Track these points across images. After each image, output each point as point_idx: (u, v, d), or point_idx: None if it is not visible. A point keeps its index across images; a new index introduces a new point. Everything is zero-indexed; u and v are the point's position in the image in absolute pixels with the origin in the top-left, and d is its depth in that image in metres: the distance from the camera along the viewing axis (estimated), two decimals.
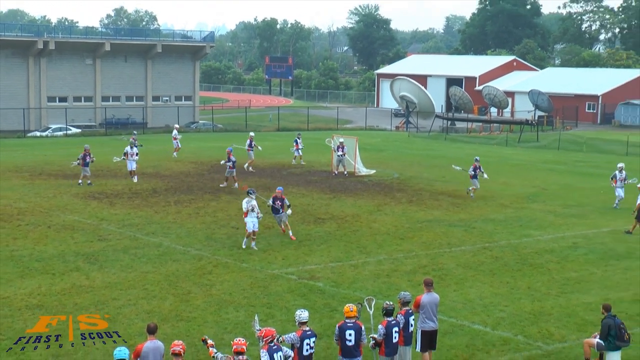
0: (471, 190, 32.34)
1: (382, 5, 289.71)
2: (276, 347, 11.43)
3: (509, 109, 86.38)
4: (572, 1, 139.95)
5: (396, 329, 13.05)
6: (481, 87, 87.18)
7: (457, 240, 24.73)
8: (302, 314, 12.34)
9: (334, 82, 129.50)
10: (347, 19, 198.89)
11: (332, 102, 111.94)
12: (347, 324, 12.60)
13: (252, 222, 22.72)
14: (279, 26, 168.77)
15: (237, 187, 32.80)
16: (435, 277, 18.25)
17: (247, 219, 22.76)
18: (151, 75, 76.52)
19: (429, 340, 14.03)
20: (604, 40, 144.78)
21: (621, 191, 30.75)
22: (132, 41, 79.17)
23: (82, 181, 33.57)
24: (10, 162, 41.37)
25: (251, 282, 19.52)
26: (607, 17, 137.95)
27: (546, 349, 15.45)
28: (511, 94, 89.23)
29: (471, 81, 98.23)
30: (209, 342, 11.76)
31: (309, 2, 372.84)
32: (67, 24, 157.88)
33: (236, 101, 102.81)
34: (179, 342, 11.41)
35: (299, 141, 42.61)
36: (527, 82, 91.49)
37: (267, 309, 17.33)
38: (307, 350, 12.11)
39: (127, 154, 35.17)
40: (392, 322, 13.05)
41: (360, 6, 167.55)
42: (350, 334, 12.53)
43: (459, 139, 63.69)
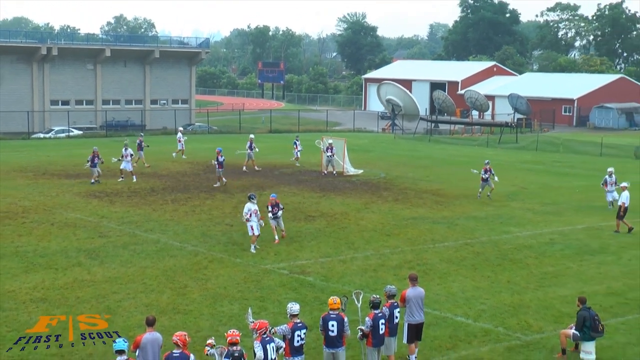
0: (481, 193, 31.73)
1: (369, 13, 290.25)
2: (269, 338, 11.43)
3: (490, 112, 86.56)
4: (549, 10, 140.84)
5: (382, 321, 13.05)
6: (463, 91, 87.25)
7: (441, 236, 24.75)
8: (294, 307, 12.35)
9: (323, 87, 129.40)
10: (336, 27, 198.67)
11: (322, 105, 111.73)
12: (330, 315, 12.59)
13: (256, 226, 21.94)
14: (271, 33, 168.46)
15: (218, 185, 33.17)
16: (419, 272, 18.22)
17: (250, 223, 21.92)
18: (149, 79, 76.28)
19: (415, 332, 14.03)
20: (579, 47, 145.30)
21: (614, 194, 29.17)
22: (131, 47, 78.86)
23: (94, 180, 33.93)
24: (15, 162, 41.24)
25: (245, 276, 19.49)
26: (582, 25, 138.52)
27: (525, 339, 15.49)
28: (492, 98, 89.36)
29: (454, 85, 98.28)
30: (209, 342, 11.54)
31: (299, 10, 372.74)
32: (69, 31, 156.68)
33: (230, 104, 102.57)
34: (180, 332, 11.38)
35: (297, 143, 42.61)
36: (507, 87, 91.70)
37: (260, 302, 17.32)
38: (298, 341, 12.11)
39: (122, 155, 35.51)
40: (379, 314, 13.05)
41: (348, 14, 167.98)
42: (332, 325, 12.52)
43: (442, 141, 63.76)
